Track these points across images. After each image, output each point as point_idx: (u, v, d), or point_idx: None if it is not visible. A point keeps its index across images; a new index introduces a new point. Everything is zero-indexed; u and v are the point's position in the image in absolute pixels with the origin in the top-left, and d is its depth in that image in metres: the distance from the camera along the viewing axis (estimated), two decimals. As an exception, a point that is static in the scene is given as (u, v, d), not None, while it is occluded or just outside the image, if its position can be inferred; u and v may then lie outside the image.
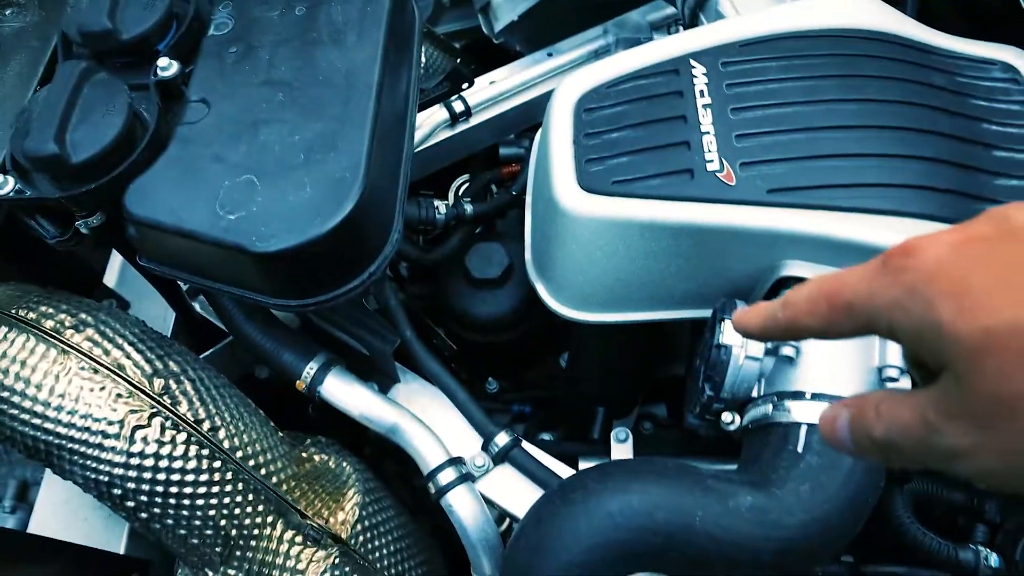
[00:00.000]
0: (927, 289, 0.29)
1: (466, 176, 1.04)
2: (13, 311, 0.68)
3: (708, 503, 0.56)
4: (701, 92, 0.68)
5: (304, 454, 0.78)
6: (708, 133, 0.66)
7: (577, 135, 0.69)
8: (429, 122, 0.91)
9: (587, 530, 0.56)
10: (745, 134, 0.65)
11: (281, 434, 0.76)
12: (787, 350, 0.62)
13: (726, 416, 0.65)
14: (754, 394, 0.64)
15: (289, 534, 0.71)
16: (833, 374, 0.61)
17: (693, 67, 0.69)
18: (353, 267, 0.60)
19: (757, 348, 0.63)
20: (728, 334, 0.63)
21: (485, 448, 0.75)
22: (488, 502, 0.74)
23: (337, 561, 0.72)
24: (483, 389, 0.97)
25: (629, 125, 0.68)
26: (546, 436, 0.92)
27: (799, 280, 0.64)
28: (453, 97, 0.92)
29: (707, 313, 0.69)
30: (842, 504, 0.57)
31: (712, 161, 0.64)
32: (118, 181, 0.59)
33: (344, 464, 0.78)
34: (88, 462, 0.65)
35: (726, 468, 0.63)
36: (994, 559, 0.68)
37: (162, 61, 0.64)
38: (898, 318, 0.30)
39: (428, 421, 0.75)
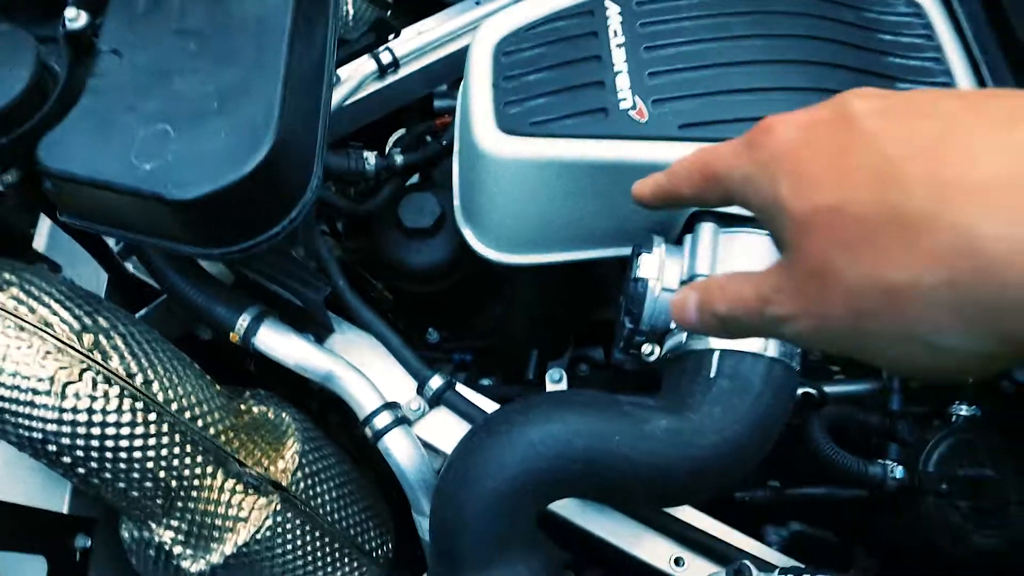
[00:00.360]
0: (773, 167, 0.32)
1: (403, 130, 1.05)
2: (-67, 273, 0.67)
3: (625, 427, 0.59)
4: (615, 32, 0.69)
5: (243, 406, 0.79)
6: (621, 72, 0.67)
7: (496, 78, 0.70)
8: (357, 74, 0.91)
9: (510, 459, 0.58)
10: (657, 72, 0.67)
11: (219, 387, 0.77)
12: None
13: (646, 348, 0.67)
14: (672, 325, 0.66)
15: (230, 483, 0.73)
16: (745, 302, 0.64)
17: (607, 7, 0.70)
18: (273, 213, 0.61)
19: (673, 280, 0.65)
20: (644, 268, 0.65)
21: (420, 392, 0.76)
22: (425, 445, 0.76)
23: (279, 507, 0.73)
24: (424, 340, 0.99)
25: (546, 67, 0.69)
26: (486, 382, 0.94)
27: (713, 213, 0.67)
28: (380, 48, 0.92)
29: (629, 251, 0.71)
30: (751, 424, 0.61)
31: (625, 99, 0.66)
32: (30, 135, 0.59)
33: (283, 414, 0.79)
34: (20, 420, 0.65)
35: (645, 399, 0.66)
36: (899, 471, 0.72)
37: (70, 12, 0.62)
38: (749, 192, 0.33)
39: (364, 368, 0.76)
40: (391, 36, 0.94)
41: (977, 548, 0.71)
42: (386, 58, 0.92)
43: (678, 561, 0.73)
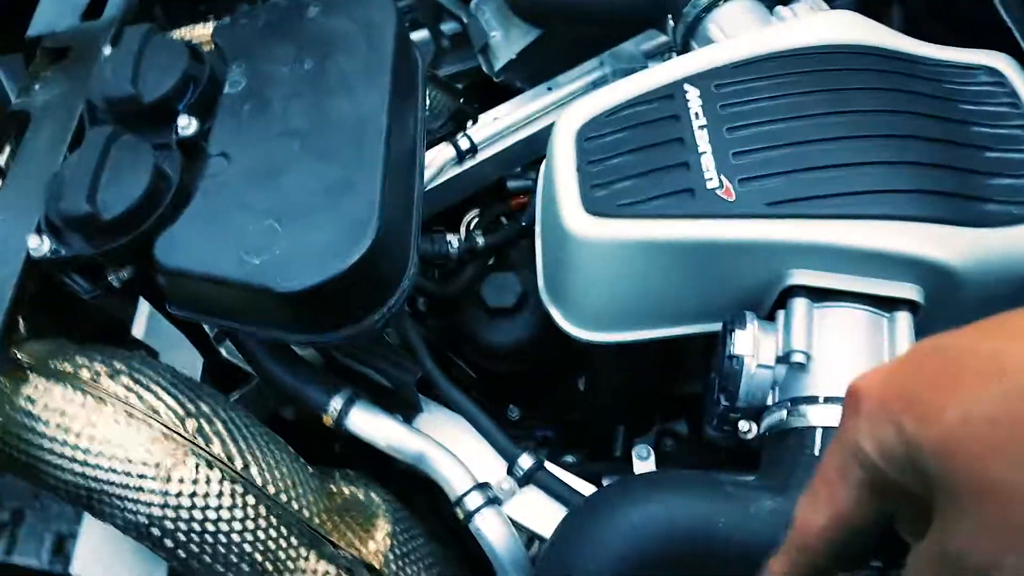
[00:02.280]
0: (888, 409, 0.31)
1: (477, 211, 1.08)
2: (51, 364, 0.71)
3: (729, 509, 0.58)
4: (696, 114, 0.70)
5: (334, 487, 0.80)
6: (706, 153, 0.68)
7: (580, 163, 0.72)
8: (437, 160, 0.94)
9: (612, 541, 0.57)
10: (741, 151, 0.68)
11: (311, 469, 0.78)
12: (798, 357, 0.63)
13: (743, 425, 0.67)
14: (769, 402, 0.65)
15: (323, 565, 0.73)
16: (845, 377, 0.63)
17: (687, 91, 0.72)
18: (373, 302, 0.63)
19: (768, 356, 0.65)
20: (739, 344, 0.65)
21: (510, 472, 0.76)
22: (516, 525, 0.76)
23: (372, 590, 0.73)
24: (505, 417, 0.99)
25: (629, 150, 0.71)
26: (569, 458, 0.93)
27: (805, 288, 0.66)
28: (459, 135, 0.95)
29: (718, 327, 0.71)
30: (861, 503, 0.59)
31: (711, 179, 0.67)
32: (147, 235, 0.63)
33: (372, 495, 0.80)
34: (127, 504, 0.67)
35: (746, 478, 0.65)
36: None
37: (182, 120, 0.67)
38: (879, 449, 0.31)
39: (453, 449, 0.77)
40: (469, 123, 0.97)
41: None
42: (464, 144, 0.95)
43: (783, 649, 0.70)
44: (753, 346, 0.64)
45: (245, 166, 0.65)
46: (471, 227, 1.04)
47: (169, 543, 0.69)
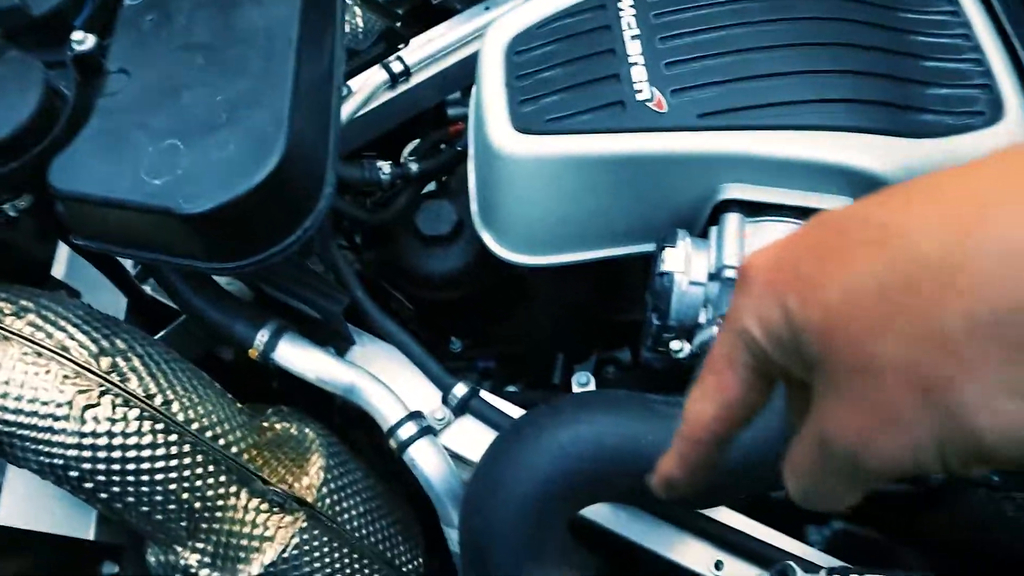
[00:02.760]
0: (773, 287, 0.29)
1: (418, 140, 1.04)
2: (-50, 302, 0.67)
3: (655, 427, 0.57)
4: (628, 24, 0.67)
5: (265, 423, 0.78)
6: (637, 64, 0.65)
7: (509, 78, 0.69)
8: (368, 84, 0.90)
9: (539, 463, 0.56)
10: (674, 61, 0.65)
11: (240, 405, 0.76)
12: (729, 272, 0.62)
13: (675, 345, 0.65)
14: (701, 320, 0.64)
15: (254, 502, 0.71)
16: (776, 293, 0.62)
17: (620, 0, 0.69)
18: (286, 223, 0.59)
19: (700, 273, 0.63)
20: (670, 261, 0.63)
21: (444, 401, 0.75)
22: (452, 454, 0.74)
23: (305, 525, 0.72)
24: (447, 349, 0.97)
25: (559, 63, 0.68)
26: (511, 389, 0.92)
27: (738, 203, 0.64)
28: (390, 57, 0.91)
29: (653, 247, 0.69)
30: (784, 417, 0.58)
31: (642, 91, 0.64)
32: (40, 158, 0.58)
33: (306, 430, 0.78)
34: (41, 446, 0.64)
35: (678, 397, 0.64)
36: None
37: (77, 35, 0.62)
38: (765, 328, 0.29)
39: (386, 379, 0.75)
40: (401, 46, 0.93)
41: (1036, 541, 0.67)
42: (397, 67, 0.91)
43: (718, 565, 0.70)
44: (684, 263, 0.63)
45: (146, 83, 0.61)
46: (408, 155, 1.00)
47: (89, 485, 0.66)
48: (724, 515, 0.73)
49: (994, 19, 0.68)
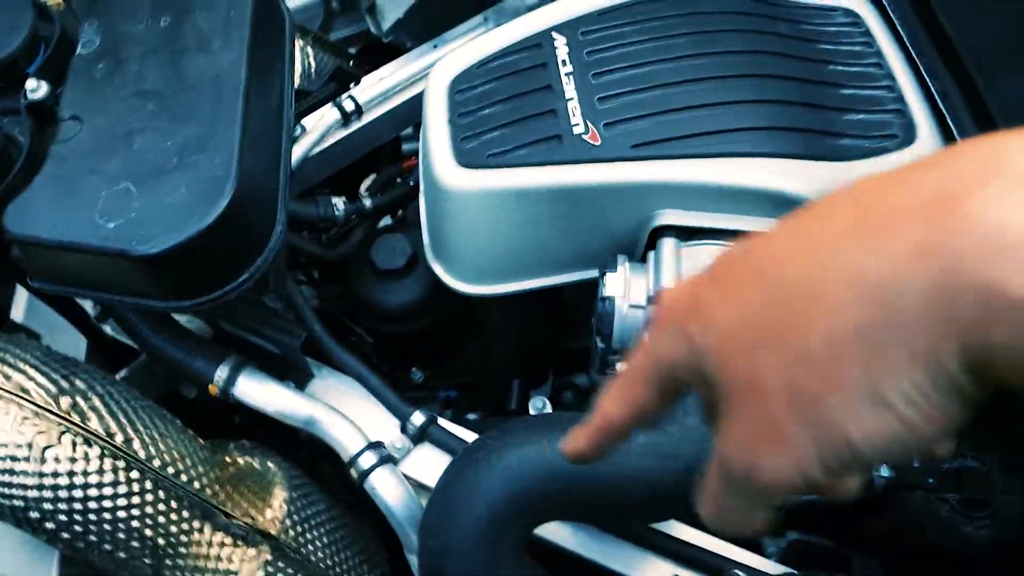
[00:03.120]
0: (679, 319, 0.32)
1: (374, 176, 1.06)
2: (-92, 349, 0.68)
3: (602, 444, 0.59)
4: (563, 61, 0.71)
5: (227, 458, 0.79)
6: (572, 99, 0.69)
7: (452, 115, 0.72)
8: (321, 123, 0.92)
9: (488, 485, 0.58)
10: (606, 96, 0.69)
11: (201, 441, 0.77)
12: (668, 295, 0.65)
13: (620, 367, 0.68)
14: (643, 341, 0.67)
15: (218, 536, 0.72)
16: (712, 311, 0.65)
17: (555, 39, 0.72)
18: (238, 262, 0.61)
19: (639, 296, 0.66)
20: (610, 286, 0.66)
21: (403, 430, 0.77)
22: (413, 482, 0.76)
23: (270, 557, 0.73)
24: (408, 380, 0.99)
25: (499, 100, 0.71)
26: (472, 417, 0.94)
27: (673, 228, 0.68)
28: (342, 96, 0.94)
29: (596, 273, 0.72)
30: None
31: (577, 125, 0.68)
32: (-4, 205, 0.60)
33: (269, 463, 0.79)
34: (0, 488, 0.65)
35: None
36: (885, 469, 0.72)
37: (31, 83, 0.64)
38: (673, 358, 0.32)
39: (345, 411, 0.76)
40: (352, 84, 0.96)
41: (970, 540, 0.70)
42: (349, 106, 0.94)
43: (674, 579, 0.73)
44: (624, 287, 0.66)
45: (98, 129, 0.63)
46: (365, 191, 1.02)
47: (50, 526, 0.67)
48: (681, 530, 0.75)
49: (903, 49, 0.72)
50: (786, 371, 0.28)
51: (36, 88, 0.64)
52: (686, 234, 0.67)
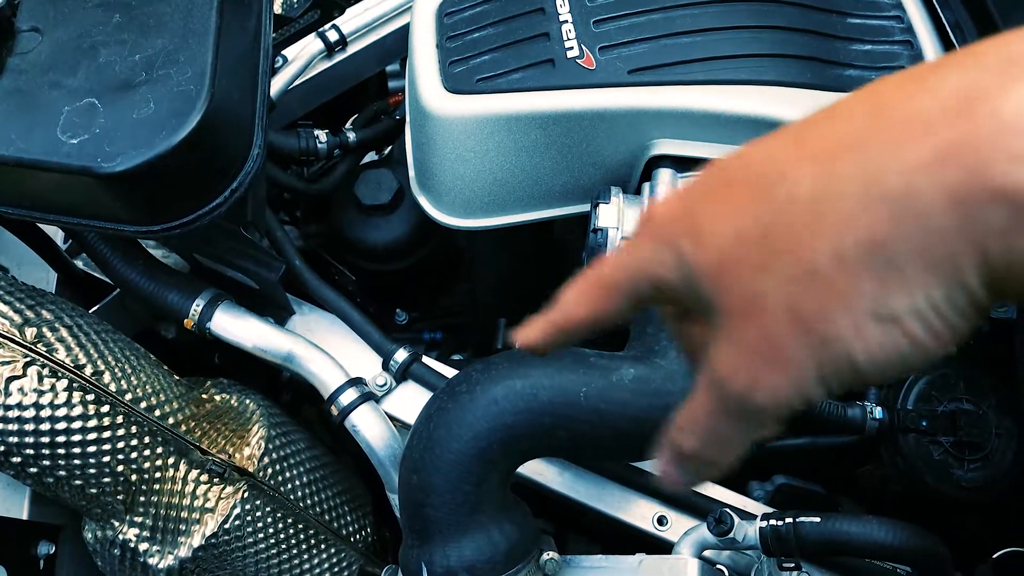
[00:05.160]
0: (669, 233, 0.29)
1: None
2: None
3: (592, 379, 0.57)
4: (557, -18, 0.67)
5: (204, 395, 0.76)
6: (566, 22, 0.65)
7: (440, 39, 0.68)
8: (304, 53, 0.88)
9: (473, 418, 0.56)
10: (602, 19, 0.65)
11: (177, 378, 0.75)
12: (662, 228, 0.62)
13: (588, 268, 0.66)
14: (635, 276, 0.65)
15: (193, 473, 0.70)
16: (707, 246, 0.62)
17: (548, -41, 0.69)
18: (212, 184, 0.58)
19: (633, 227, 0.63)
20: (603, 217, 0.63)
21: (386, 367, 0.74)
22: (394, 420, 0.74)
23: (246, 495, 0.71)
24: (393, 321, 0.97)
25: (490, 23, 0.67)
26: (457, 357, 0.92)
27: (669, 158, 0.65)
28: (326, 26, 0.90)
29: (588, 207, 0.69)
30: (723, 367, 0.59)
31: (572, 48, 0.64)
32: (-49, 120, 0.57)
33: (247, 401, 0.77)
34: (-36, 421, 0.62)
35: (611, 353, 0.64)
36: (879, 412, 0.71)
37: (-14, -7, 0.60)
38: (657, 272, 0.30)
39: (326, 347, 0.74)
40: (336, 14, 0.91)
41: (961, 483, 0.69)
42: (333, 36, 0.90)
43: (661, 520, 0.71)
44: (618, 218, 0.63)
45: (60, 41, 0.59)
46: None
47: (16, 459, 0.64)
48: (666, 471, 0.74)
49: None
50: (790, 290, 0.26)
51: (-7, -3, 0.60)
52: (682, 165, 0.64)
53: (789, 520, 0.59)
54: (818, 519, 0.57)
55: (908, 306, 0.25)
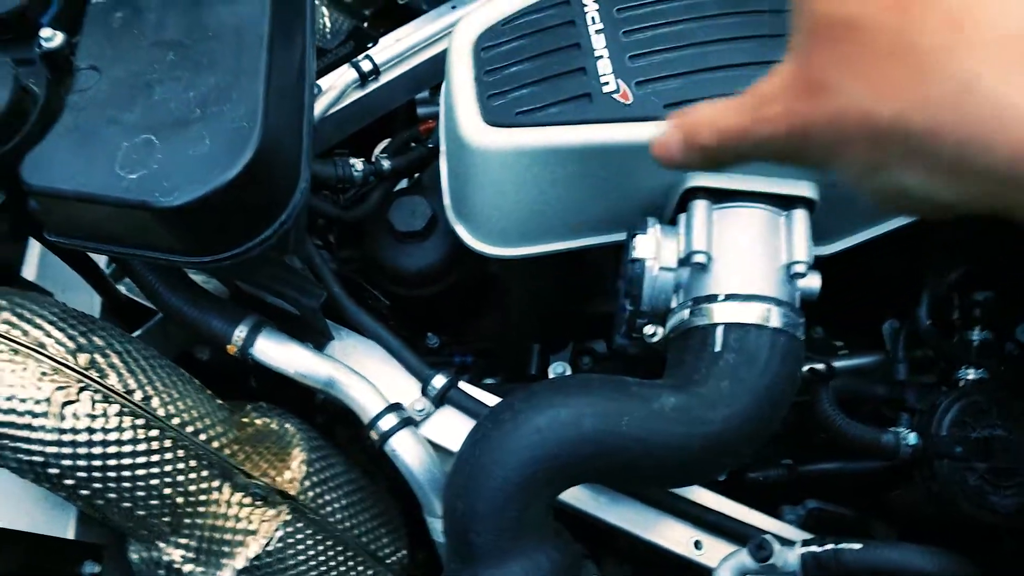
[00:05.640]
0: None
1: (389, 140, 1.05)
2: (-77, 303, 0.67)
3: (633, 407, 0.58)
4: (592, 18, 0.69)
5: (245, 419, 0.78)
6: (602, 57, 0.67)
7: (478, 73, 0.70)
8: (339, 83, 0.91)
9: (517, 446, 0.57)
10: (638, 54, 0.67)
11: (219, 401, 0.76)
12: (699, 257, 0.64)
13: (648, 329, 0.67)
14: (672, 304, 0.66)
15: (237, 496, 0.72)
16: (744, 274, 0.64)
17: (583, -5, 0.70)
18: (262, 217, 0.60)
19: (670, 258, 0.65)
20: (641, 248, 0.65)
21: (424, 392, 0.76)
22: (433, 445, 0.75)
23: (289, 518, 0.72)
24: (424, 345, 0.98)
25: (527, 58, 0.69)
26: (489, 381, 0.93)
27: (704, 190, 0.66)
28: (360, 56, 0.92)
29: (623, 236, 0.71)
30: (761, 395, 0.60)
31: (608, 83, 0.66)
32: (12, 155, 0.59)
33: (287, 425, 0.79)
34: (19, 444, 0.64)
35: (651, 380, 0.65)
36: (912, 437, 0.71)
37: (45, 32, 0.63)
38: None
39: (365, 373, 0.75)
40: (370, 45, 0.94)
41: (997, 509, 0.70)
42: (366, 66, 0.92)
43: (697, 544, 0.72)
44: (655, 249, 0.64)
45: (117, 79, 0.61)
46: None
47: (69, 482, 0.66)
48: (703, 496, 0.75)
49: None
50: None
51: (51, 37, 0.63)
52: (718, 196, 0.66)
53: (830, 547, 0.59)
54: (859, 546, 0.58)
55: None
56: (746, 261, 0.64)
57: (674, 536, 0.73)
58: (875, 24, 0.29)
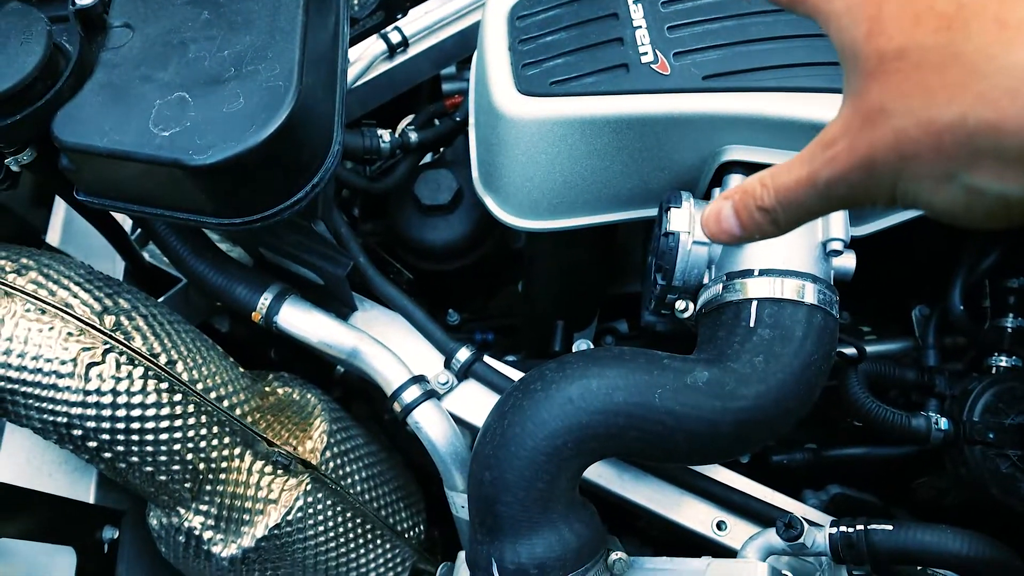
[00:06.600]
0: (857, 10, 0.32)
1: (413, 116, 1.04)
2: (-49, 261, 0.66)
3: (666, 380, 0.57)
4: (631, -12, 0.68)
5: (267, 388, 0.78)
6: (640, 27, 0.66)
7: (512, 42, 0.69)
8: (367, 54, 0.90)
9: (548, 416, 0.56)
10: (677, 25, 0.66)
11: (242, 369, 0.76)
12: (733, 232, 0.63)
13: (680, 304, 0.66)
14: (705, 279, 0.65)
15: (258, 464, 0.71)
16: (779, 250, 0.63)
17: (621, -35, 0.69)
18: (294, 179, 0.59)
19: (703, 233, 0.64)
20: (675, 221, 0.64)
21: (447, 365, 0.75)
22: (456, 418, 0.75)
23: (310, 487, 0.72)
24: (445, 322, 0.97)
25: (563, 27, 0.68)
26: (511, 359, 0.92)
27: (741, 164, 0.65)
28: (389, 28, 0.91)
29: (654, 212, 0.70)
30: (795, 372, 0.59)
31: (646, 53, 0.65)
32: (44, 111, 0.58)
33: (308, 395, 0.78)
34: (44, 404, 0.64)
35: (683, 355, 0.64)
36: (944, 423, 0.70)
37: (79, -12, 0.62)
38: (836, 33, 0.33)
39: (389, 344, 0.75)
40: (399, 15, 0.93)
41: (1027, 497, 0.69)
42: (395, 38, 0.91)
43: (720, 525, 0.72)
44: (689, 223, 0.63)
45: (150, 37, 0.60)
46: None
47: (92, 444, 0.66)
48: (726, 477, 0.74)
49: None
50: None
51: (85, -7, 0.62)
52: (753, 171, 0.64)
53: (860, 527, 0.58)
54: (890, 527, 0.57)
55: None
56: (782, 237, 0.63)
57: (698, 516, 0.72)
58: (923, 46, 0.29)
